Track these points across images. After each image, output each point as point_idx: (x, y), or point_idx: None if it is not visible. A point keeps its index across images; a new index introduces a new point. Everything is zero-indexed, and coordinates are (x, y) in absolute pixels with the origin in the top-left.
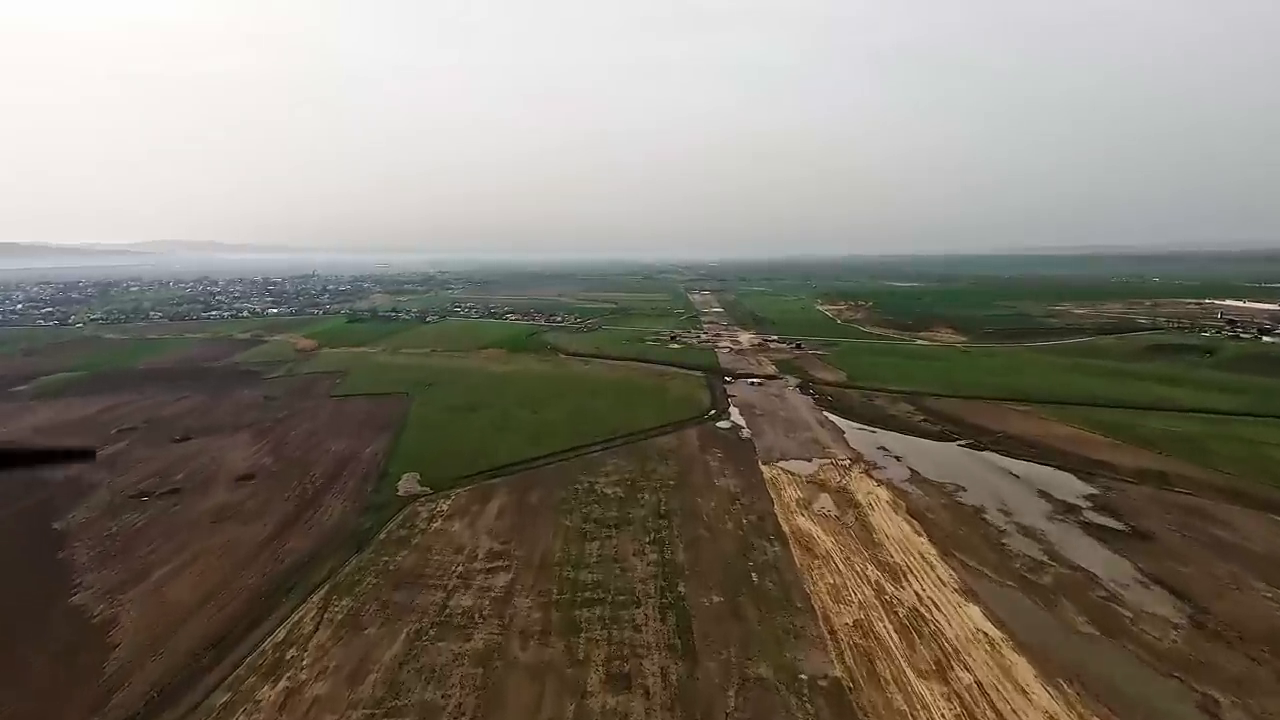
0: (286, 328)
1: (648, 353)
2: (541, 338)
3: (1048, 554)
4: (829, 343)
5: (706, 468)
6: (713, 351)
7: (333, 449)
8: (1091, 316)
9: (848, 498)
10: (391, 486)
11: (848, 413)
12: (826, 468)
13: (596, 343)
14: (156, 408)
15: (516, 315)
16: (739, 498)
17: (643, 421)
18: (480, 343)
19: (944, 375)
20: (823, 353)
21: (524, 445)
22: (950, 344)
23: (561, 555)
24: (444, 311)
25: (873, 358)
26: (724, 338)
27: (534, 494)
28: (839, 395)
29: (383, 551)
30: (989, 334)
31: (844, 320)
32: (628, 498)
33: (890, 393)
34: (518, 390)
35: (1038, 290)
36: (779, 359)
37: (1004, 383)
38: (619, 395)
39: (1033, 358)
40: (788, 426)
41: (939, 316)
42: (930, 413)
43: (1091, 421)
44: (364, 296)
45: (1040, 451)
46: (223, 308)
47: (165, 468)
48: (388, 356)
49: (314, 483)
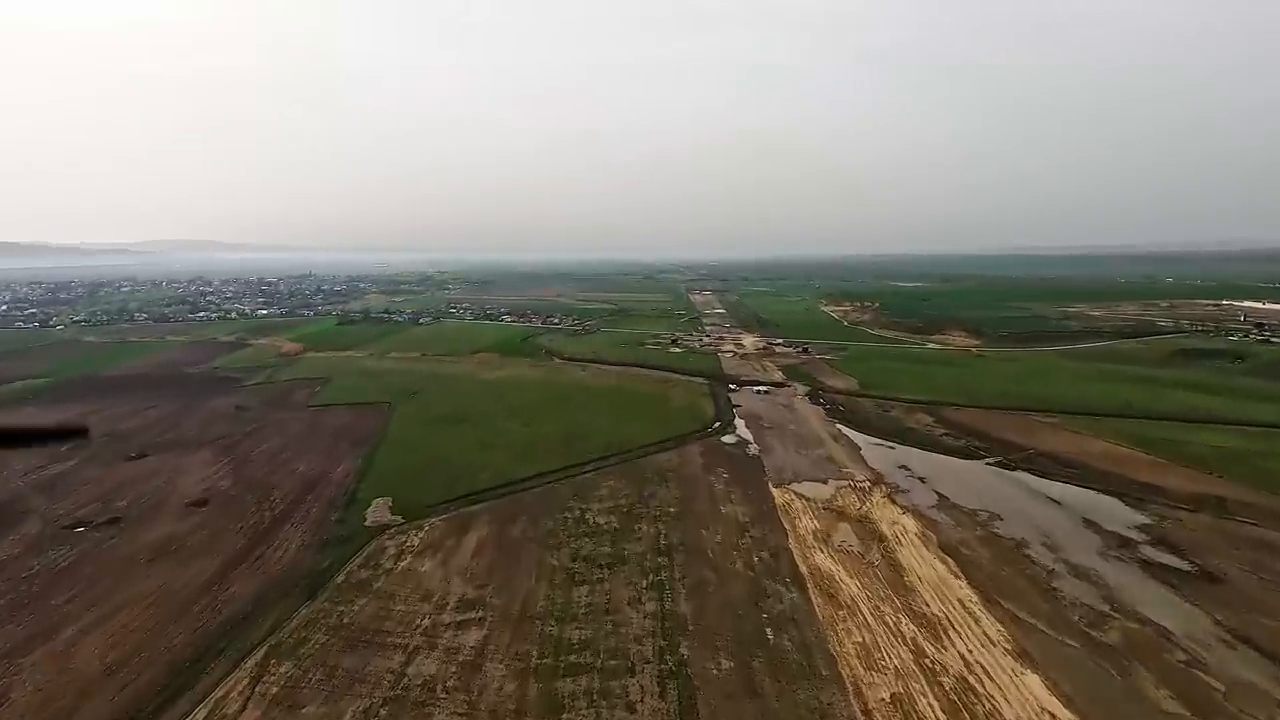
0: (274, 330)
1: (647, 358)
2: (536, 341)
3: (1109, 602)
4: (837, 346)
5: (711, 491)
6: (716, 356)
7: (300, 469)
8: (1108, 318)
9: (871, 529)
10: (359, 514)
11: (863, 425)
12: (844, 491)
13: (594, 346)
14: (118, 419)
15: (512, 317)
16: (749, 529)
17: (641, 435)
18: (473, 346)
19: (962, 382)
20: (831, 357)
21: (510, 464)
22: (964, 348)
23: (545, 604)
24: (439, 313)
25: (884, 363)
26: (727, 341)
27: (518, 524)
28: (852, 405)
29: (339, 599)
30: (1004, 337)
31: (850, 322)
32: (623, 529)
33: (906, 402)
34: (508, 399)
35: (1048, 291)
36: (786, 364)
37: (1027, 391)
38: (616, 405)
39: (1054, 363)
40: (799, 441)
41: (950, 318)
42: (951, 425)
43: (1128, 435)
44: (359, 297)
45: (1078, 472)
46: (212, 309)
47: (110, 491)
48: (375, 361)
49: (273, 510)
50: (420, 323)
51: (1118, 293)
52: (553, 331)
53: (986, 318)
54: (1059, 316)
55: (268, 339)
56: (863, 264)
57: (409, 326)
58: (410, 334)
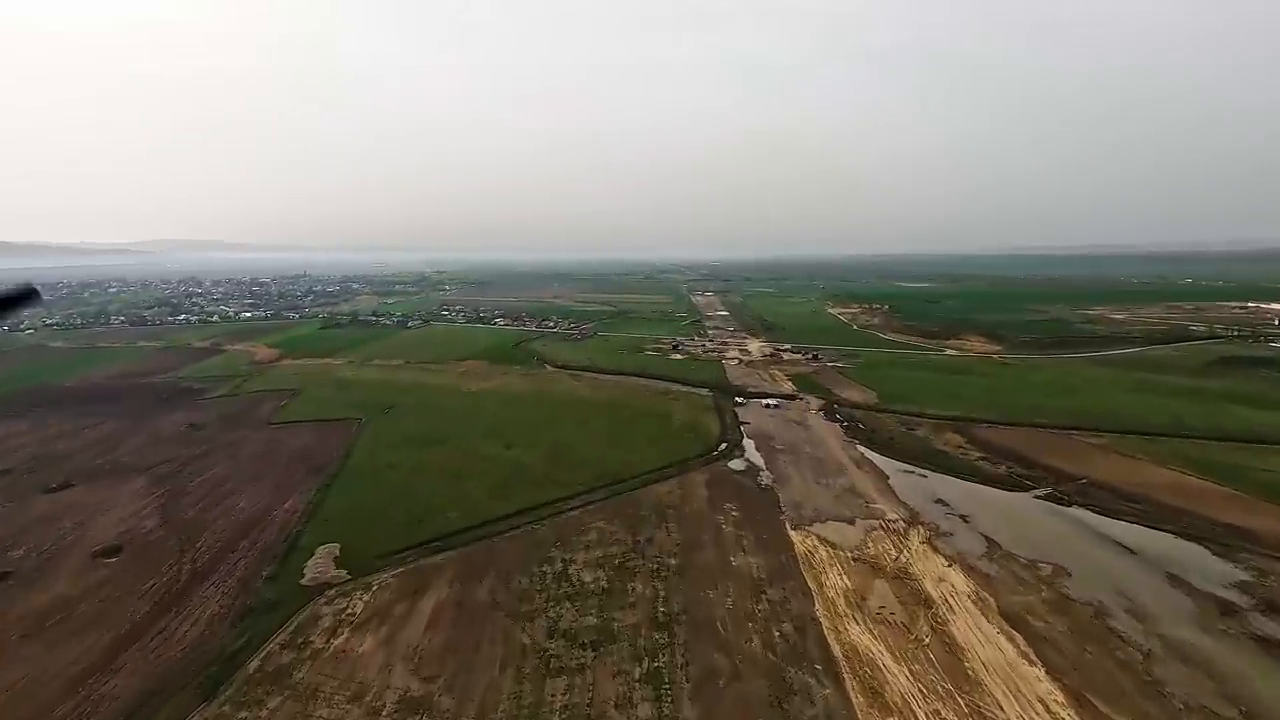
0: (253, 334)
1: (647, 365)
2: (529, 347)
3: (1234, 703)
4: (849, 353)
5: (719, 534)
6: (720, 364)
7: (242, 504)
8: (1133, 322)
9: (913, 588)
10: (297, 569)
11: (887, 447)
12: (876, 534)
13: (589, 353)
14: (54, 439)
15: (506, 319)
16: (765, 588)
17: (638, 460)
18: (461, 352)
19: (990, 395)
20: (844, 365)
21: (485, 499)
22: (984, 354)
23: (510, 705)
24: (430, 315)
25: (902, 372)
26: (731, 346)
27: (485, 582)
28: (872, 422)
29: (243, 698)
30: (1026, 343)
31: (860, 325)
32: (613, 589)
33: (932, 419)
34: (491, 415)
35: (1063, 292)
36: (795, 373)
37: (1063, 405)
38: (611, 422)
39: (1086, 372)
40: (817, 468)
41: (967, 323)
42: (987, 447)
43: (1190, 460)
44: (350, 298)
45: (1145, 508)
46: (196, 311)
47: (11, 536)
48: (353, 370)
49: (196, 561)
50: (409, 326)
51: (1136, 294)
52: (547, 336)
53: (1004, 321)
54: (1080, 320)
55: (244, 344)
56: (864, 264)
57: (396, 331)
58: (396, 339)
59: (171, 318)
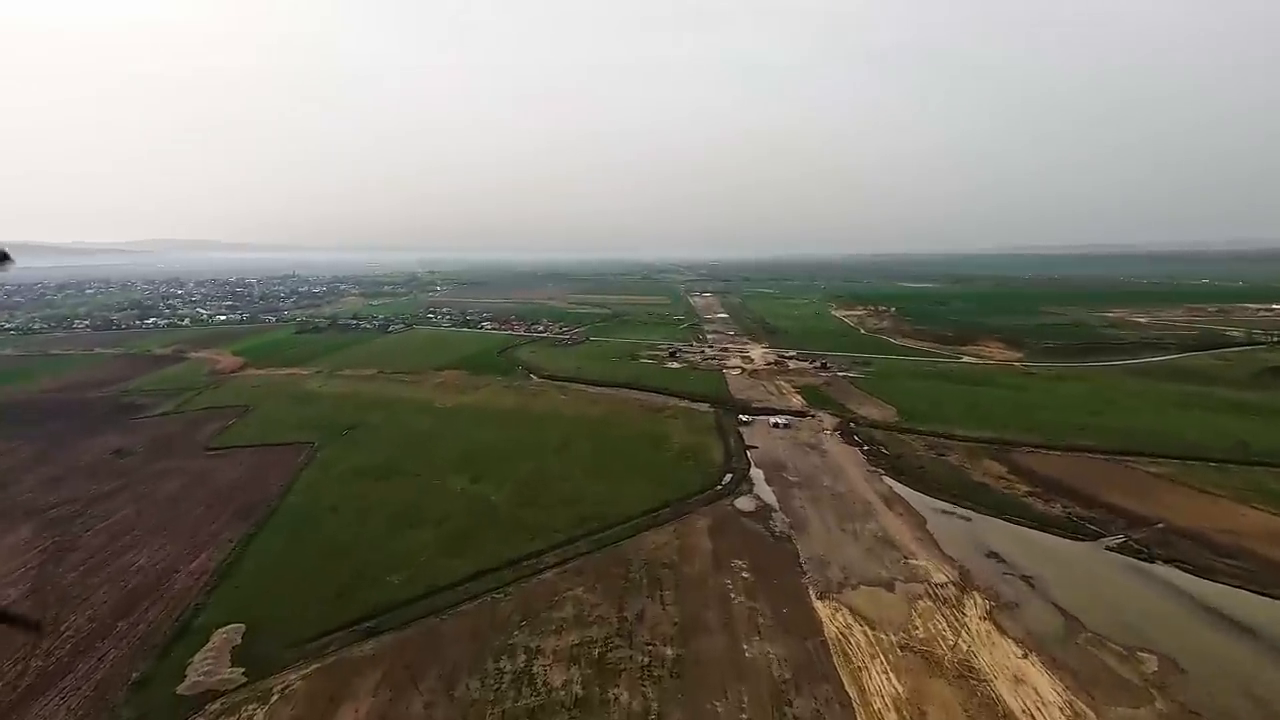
0: (220, 340)
1: (641, 376)
2: (515, 354)
3: None
4: (860, 360)
5: (727, 608)
6: (720, 374)
7: (139, 563)
8: (1158, 325)
9: (985, 699)
10: (179, 666)
11: (918, 479)
12: (923, 605)
13: (579, 361)
14: None
15: (494, 323)
16: (790, 697)
17: (627, 498)
18: (440, 360)
19: (1021, 411)
20: (856, 375)
21: (438, 554)
22: (1005, 363)
23: None
24: (415, 318)
25: (921, 384)
26: (732, 353)
27: (423, 687)
28: (896, 445)
29: None
30: (1050, 350)
31: (868, 330)
32: (590, 698)
33: (963, 441)
34: (462, 439)
35: (1077, 293)
36: (804, 384)
37: (1107, 424)
38: (597, 447)
39: (1123, 384)
40: (840, 507)
41: (981, 327)
42: (1032, 478)
43: (1275, 497)
44: (335, 300)
45: (1245, 566)
46: (169, 314)
47: None
48: (319, 382)
49: (52, 654)
50: (389, 331)
51: (1151, 295)
52: (535, 342)
53: (1021, 325)
54: (1102, 323)
55: (208, 351)
56: (864, 264)
57: (376, 336)
58: (374, 345)
59: (141, 321)
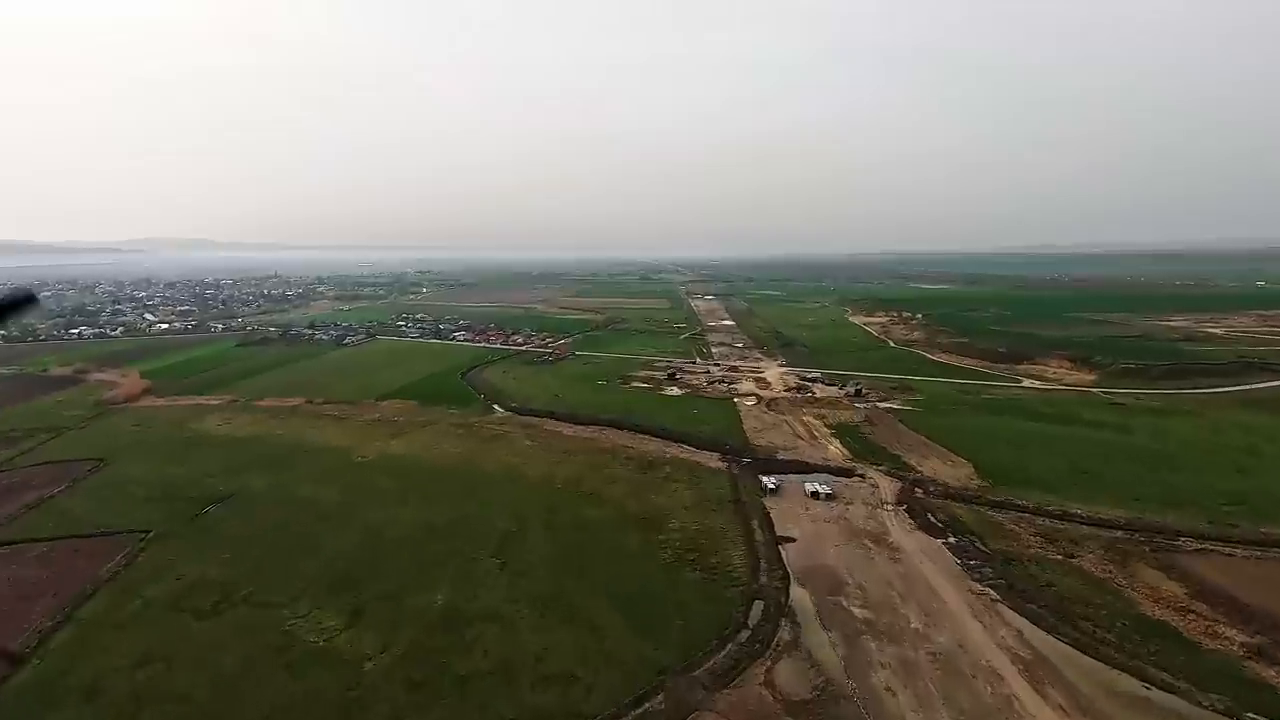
0: (148, 354)
1: (632, 408)
2: (482, 375)
3: None
4: (899, 384)
5: None
6: (731, 404)
7: None
8: (1239, 337)
9: None
10: None
11: (1058, 613)
12: None
13: (558, 385)
14: None
15: (469, 333)
16: None
17: (593, 669)
18: (387, 385)
19: (1141, 467)
20: (900, 407)
21: None
22: (1080, 389)
23: None
24: (381, 327)
25: (987, 420)
26: (743, 373)
27: None
28: (995, 534)
29: None
30: (1130, 371)
31: (899, 341)
32: None
33: (1087, 524)
34: (362, 527)
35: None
36: (839, 421)
37: (1273, 489)
38: (560, 545)
39: (1248, 421)
40: (953, 688)
41: (1035, 340)
42: (1235, 610)
43: None
44: (305, 303)
45: None
46: (108, 321)
47: None
48: (221, 419)
49: None
50: (344, 344)
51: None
52: (511, 358)
53: (1082, 338)
54: (1171, 334)
55: (113, 372)
56: (870, 263)
57: (327, 350)
58: (318, 363)
59: (68, 331)
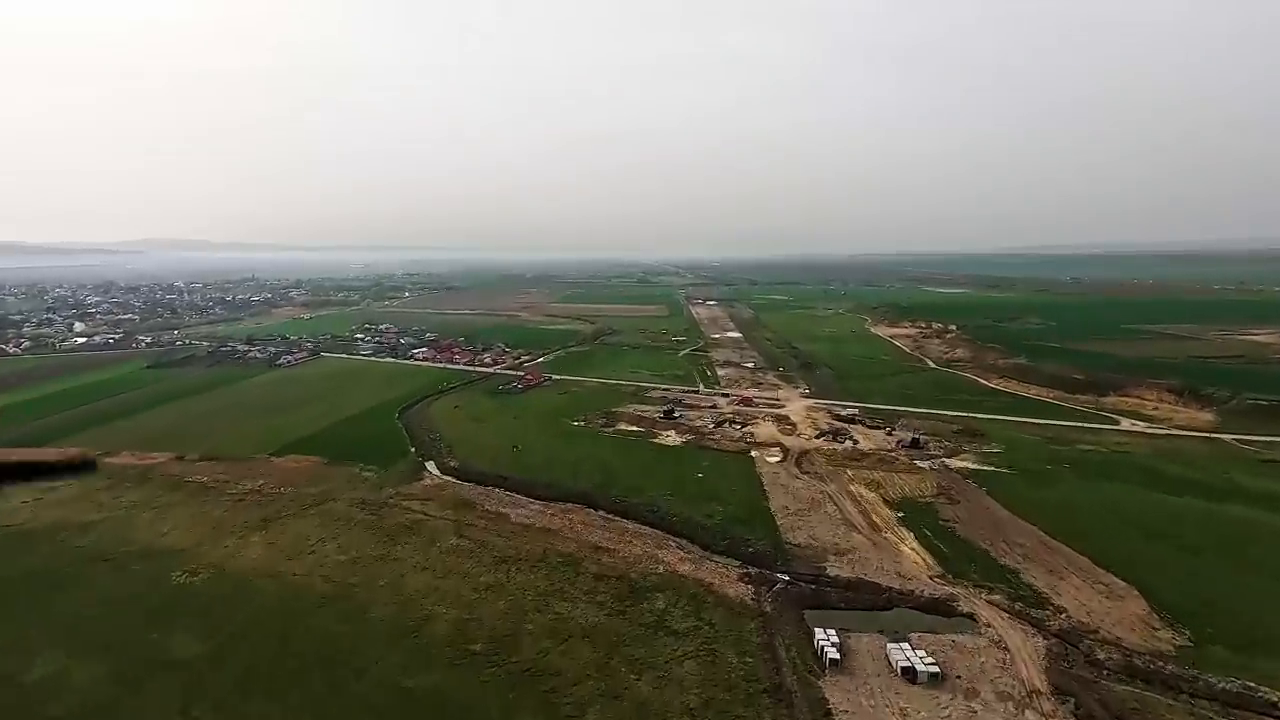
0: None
1: (613, 472)
2: (427, 413)
3: None
4: (965, 428)
5: None
6: (749, 460)
7: None
8: None
9: None
10: None
11: None
12: None
13: (520, 430)
14: None
15: (432, 351)
16: None
17: None
18: (299, 429)
19: None
20: (979, 465)
21: None
22: (1198, 432)
23: None
24: (333, 342)
25: (1108, 492)
26: (759, 409)
27: None
28: None
29: None
30: (1260, 410)
31: (937, 360)
32: None
33: None
34: None
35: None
36: (904, 495)
37: None
38: None
39: None
40: None
41: (1118, 363)
42: None
43: None
44: (267, 310)
45: None
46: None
47: None
48: (26, 496)
49: None
50: (279, 364)
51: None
52: (472, 384)
53: (1172, 361)
54: (1268, 353)
55: None
56: (875, 265)
57: (255, 372)
58: (231, 392)
59: None
